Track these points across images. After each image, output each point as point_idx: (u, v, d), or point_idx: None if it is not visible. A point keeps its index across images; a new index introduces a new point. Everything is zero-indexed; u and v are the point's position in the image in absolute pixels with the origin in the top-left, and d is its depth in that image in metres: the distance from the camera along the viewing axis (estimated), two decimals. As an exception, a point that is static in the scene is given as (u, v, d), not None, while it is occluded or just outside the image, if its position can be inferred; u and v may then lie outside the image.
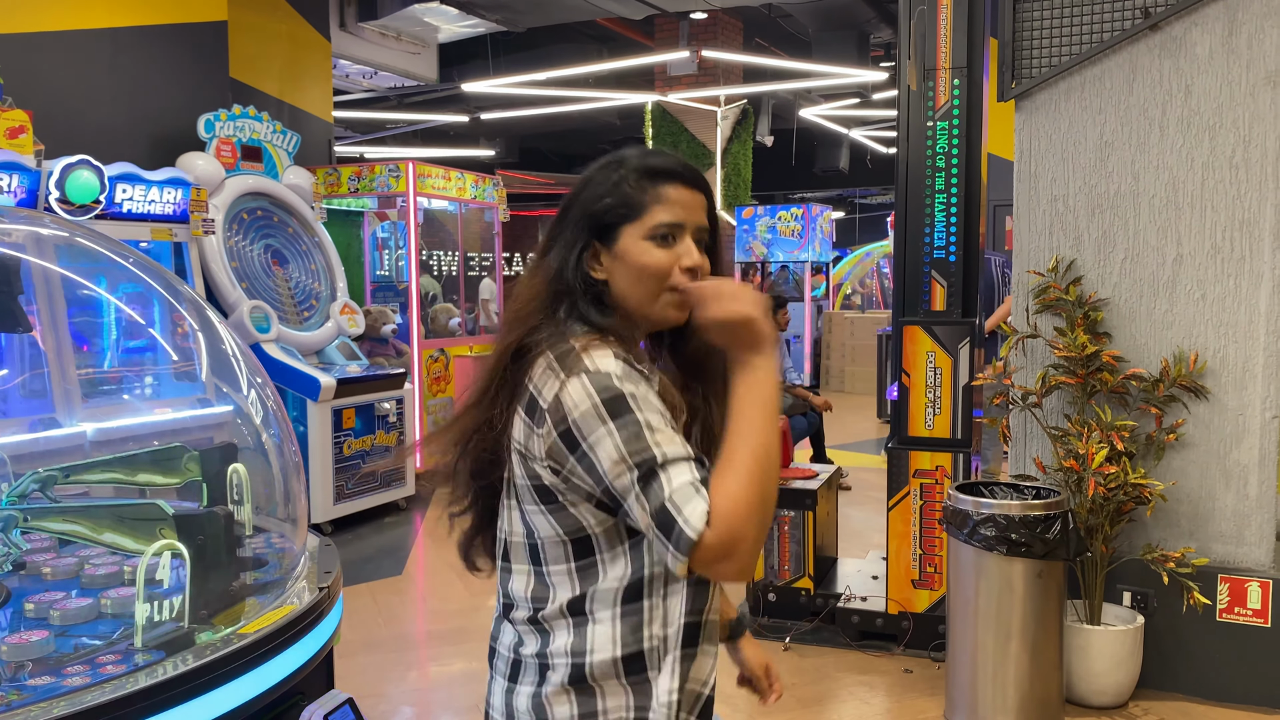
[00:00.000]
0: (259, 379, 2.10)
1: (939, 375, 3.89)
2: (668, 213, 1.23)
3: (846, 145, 17.27)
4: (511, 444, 1.22)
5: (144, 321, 2.58)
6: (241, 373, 2.08)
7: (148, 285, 2.17)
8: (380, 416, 6.20)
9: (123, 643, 1.38)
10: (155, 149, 5.79)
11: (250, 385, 2.09)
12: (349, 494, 5.93)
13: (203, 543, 1.49)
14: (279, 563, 1.80)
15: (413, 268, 7.02)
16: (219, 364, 2.13)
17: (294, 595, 1.63)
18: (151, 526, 1.49)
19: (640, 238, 1.23)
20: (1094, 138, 3.61)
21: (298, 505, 1.97)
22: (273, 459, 2.02)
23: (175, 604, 1.43)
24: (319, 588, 1.67)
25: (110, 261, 2.16)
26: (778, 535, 4.25)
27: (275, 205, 6.30)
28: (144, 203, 4.92)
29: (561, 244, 1.26)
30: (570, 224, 1.27)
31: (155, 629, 1.39)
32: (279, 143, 6.38)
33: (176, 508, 1.55)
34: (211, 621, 1.46)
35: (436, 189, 7.12)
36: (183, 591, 1.43)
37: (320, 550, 1.89)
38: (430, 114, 12.96)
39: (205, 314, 2.19)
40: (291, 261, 6.32)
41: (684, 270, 1.23)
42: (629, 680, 1.20)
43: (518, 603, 1.26)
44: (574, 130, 16.54)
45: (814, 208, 12.40)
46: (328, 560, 1.84)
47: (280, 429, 2.04)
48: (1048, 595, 3.21)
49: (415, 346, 6.99)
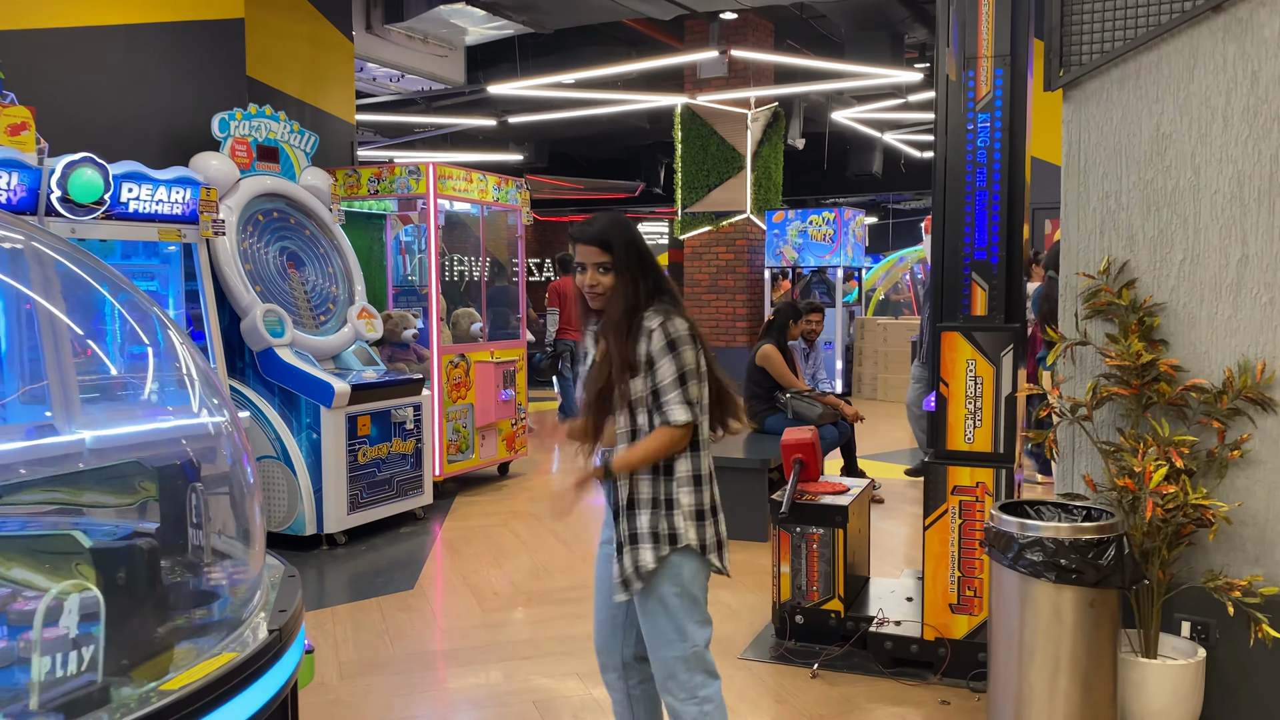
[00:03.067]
0: (215, 400, 1.89)
1: (980, 385, 3.63)
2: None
3: (880, 149, 16.93)
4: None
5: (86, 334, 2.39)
6: (195, 390, 1.88)
7: (100, 296, 1.96)
8: (397, 423, 6.02)
9: (16, 703, 1.18)
10: (168, 149, 5.66)
11: (204, 405, 1.89)
12: (363, 503, 5.76)
13: (124, 580, 1.29)
14: (230, 597, 1.60)
15: (433, 271, 6.85)
16: (172, 382, 1.93)
17: (242, 638, 1.43)
18: (67, 561, 1.30)
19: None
20: (1150, 129, 3.34)
21: (255, 531, 1.76)
22: (235, 479, 1.82)
23: (87, 654, 1.22)
24: (270, 629, 1.46)
25: (69, 272, 1.96)
26: (806, 553, 4.01)
27: (292, 207, 6.15)
28: (151, 202, 4.77)
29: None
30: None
31: (59, 685, 1.18)
32: (296, 143, 6.23)
33: (96, 539, 1.35)
34: (131, 675, 1.25)
35: (458, 191, 6.94)
36: (95, 640, 1.22)
37: (283, 582, 1.68)
38: (458, 118, 12.83)
39: (168, 332, 1.99)
40: (308, 264, 6.17)
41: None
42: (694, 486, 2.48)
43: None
44: (603, 135, 16.36)
45: (846, 212, 12.13)
46: (287, 595, 1.62)
47: (240, 448, 1.83)
48: (1100, 626, 2.94)
49: (435, 352, 6.81)
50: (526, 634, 4.22)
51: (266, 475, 5.59)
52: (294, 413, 5.59)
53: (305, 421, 5.56)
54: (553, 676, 3.79)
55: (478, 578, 5.07)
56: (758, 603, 4.54)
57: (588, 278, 2.43)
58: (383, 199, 7.10)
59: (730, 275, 12.64)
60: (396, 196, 6.92)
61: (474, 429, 7.14)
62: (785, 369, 6.34)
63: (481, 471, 7.46)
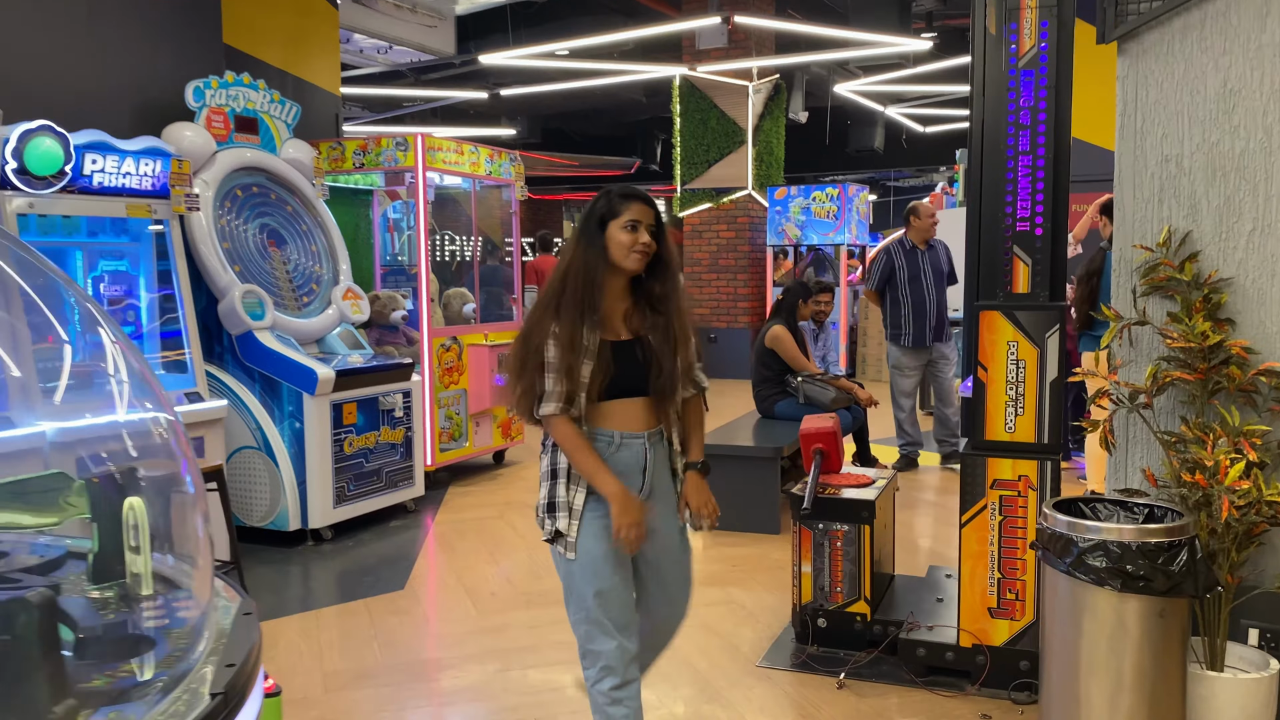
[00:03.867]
0: (149, 402, 1.55)
1: (1022, 369, 3.31)
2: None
3: (881, 124, 16.58)
4: None
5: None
6: (122, 388, 1.54)
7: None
8: (386, 411, 5.69)
9: None
10: (139, 119, 5.29)
11: (135, 406, 1.55)
12: (351, 496, 5.43)
13: (8, 645, 0.97)
14: (167, 643, 1.28)
15: (422, 249, 6.50)
16: (97, 378, 1.60)
17: (178, 705, 1.11)
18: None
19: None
20: (1216, 85, 3.01)
21: (199, 553, 1.44)
22: (174, 492, 1.49)
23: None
24: (212, 693, 1.14)
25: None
26: (829, 552, 3.70)
27: (273, 181, 5.79)
28: (118, 175, 4.41)
29: None
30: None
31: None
32: (277, 113, 5.86)
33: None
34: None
35: (448, 164, 6.58)
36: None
37: (236, 622, 1.36)
38: (448, 90, 12.43)
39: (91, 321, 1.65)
40: (290, 242, 5.82)
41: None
42: None
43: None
44: (599, 110, 15.96)
45: (850, 188, 11.77)
46: (240, 640, 1.30)
47: (179, 454, 1.50)
48: (1169, 638, 2.64)
49: (425, 335, 6.47)
50: (526, 639, 3.91)
51: (247, 467, 5.26)
52: (275, 400, 5.25)
53: (288, 410, 5.23)
54: (556, 688, 3.48)
55: (473, 576, 4.75)
56: (775, 604, 4.24)
57: (640, 236, 2.39)
58: (369, 173, 6.74)
59: (731, 254, 12.30)
60: (383, 170, 6.56)
61: (467, 416, 6.81)
62: (796, 351, 6.01)
63: (476, 460, 7.13)
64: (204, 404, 4.68)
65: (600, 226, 2.42)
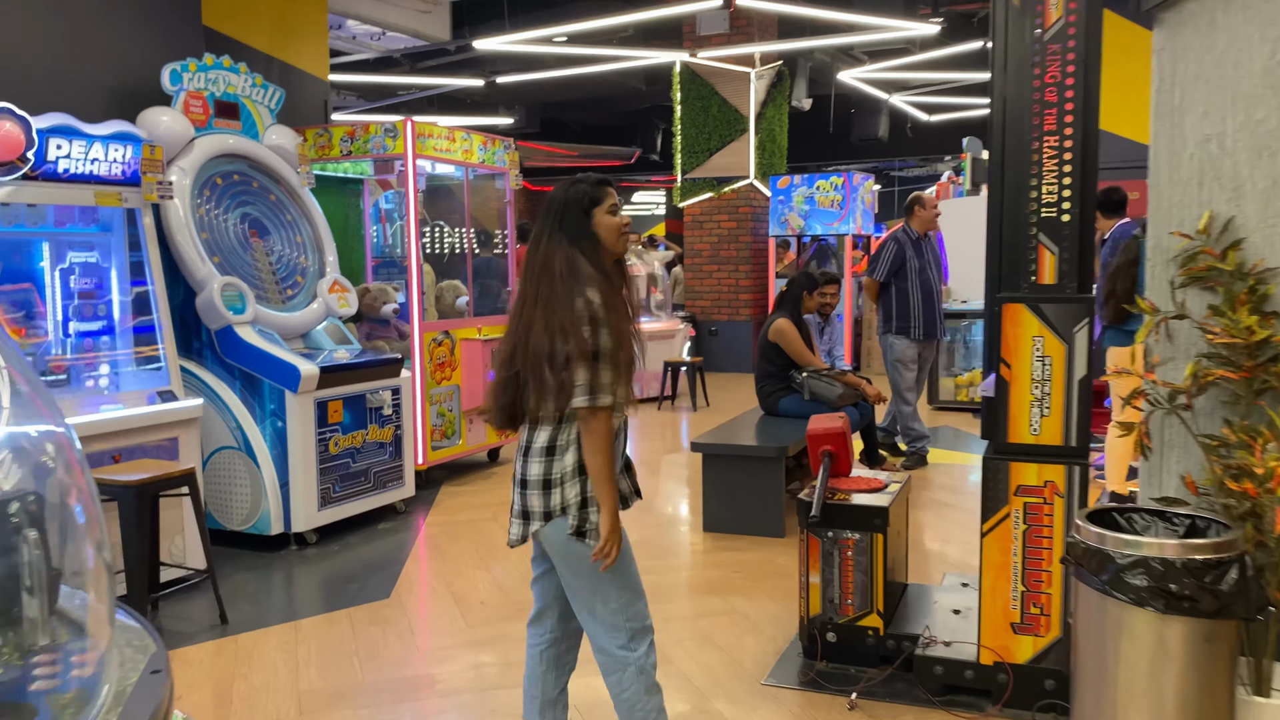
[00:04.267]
0: (39, 422, 1.31)
1: (1048, 366, 3.07)
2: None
3: (886, 112, 16.30)
4: None
5: None
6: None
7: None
8: (374, 409, 5.45)
9: None
10: (113, 104, 5.05)
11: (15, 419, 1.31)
12: (336, 498, 5.20)
13: None
14: (49, 711, 1.04)
15: (412, 240, 6.26)
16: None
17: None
18: None
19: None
20: (1263, 58, 2.76)
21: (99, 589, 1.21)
22: (74, 523, 1.25)
23: None
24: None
25: None
26: (839, 562, 3.46)
27: (255, 169, 5.55)
28: (85, 162, 4.17)
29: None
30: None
31: None
32: (259, 98, 5.62)
33: None
34: None
35: (439, 151, 6.34)
36: None
37: (142, 682, 1.12)
38: (443, 78, 12.17)
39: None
40: (273, 233, 5.58)
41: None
42: None
43: None
44: (598, 98, 15.69)
45: (855, 176, 11.51)
46: (144, 701, 1.05)
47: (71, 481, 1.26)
48: (1217, 662, 2.41)
49: (416, 329, 6.23)
50: (517, 653, 3.68)
51: (227, 468, 5.02)
52: (256, 398, 5.01)
53: (269, 408, 4.99)
54: (547, 709, 3.24)
55: (462, 583, 4.52)
56: (780, 614, 4.01)
57: (625, 219, 2.49)
58: (357, 160, 6.50)
59: (733, 245, 12.05)
60: (372, 157, 6.31)
61: (460, 412, 6.58)
62: (802, 346, 5.77)
63: (469, 458, 6.91)
64: (177, 403, 4.44)
65: (586, 215, 2.44)
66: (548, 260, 2.42)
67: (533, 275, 2.43)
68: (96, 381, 4.42)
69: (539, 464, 2.43)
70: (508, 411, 2.51)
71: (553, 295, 2.36)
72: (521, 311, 2.43)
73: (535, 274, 2.42)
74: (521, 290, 2.47)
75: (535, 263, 2.44)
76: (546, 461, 2.42)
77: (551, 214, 2.46)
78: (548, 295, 2.38)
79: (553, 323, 2.35)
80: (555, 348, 2.34)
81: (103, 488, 3.66)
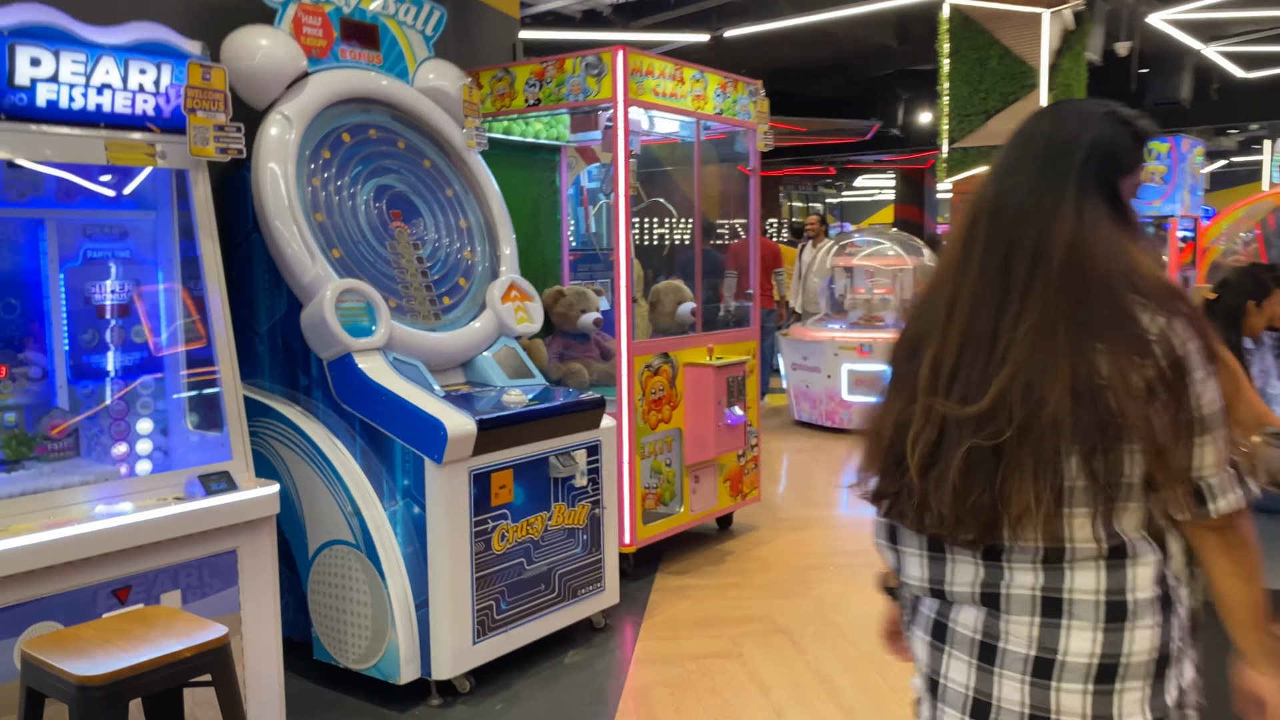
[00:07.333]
0: None
1: None
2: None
3: (1190, 69, 13.26)
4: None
5: None
6: None
7: None
8: (561, 480, 3.60)
9: None
10: (194, 20, 3.41)
11: None
12: (501, 621, 3.37)
13: None
14: None
15: (621, 223, 4.37)
16: None
17: None
18: None
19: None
20: None
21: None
22: None
23: None
24: None
25: None
26: None
27: (400, 121, 3.83)
28: (85, 89, 2.49)
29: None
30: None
31: None
32: (410, 20, 3.89)
33: None
34: None
35: (661, 94, 4.41)
36: None
37: None
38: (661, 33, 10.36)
39: None
40: (425, 215, 3.83)
41: None
42: None
43: None
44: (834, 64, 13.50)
45: (1185, 141, 8.82)
46: None
47: None
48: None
49: (624, 351, 4.34)
50: None
51: (339, 574, 3.29)
52: (385, 467, 3.26)
53: (401, 484, 3.22)
54: None
55: None
56: None
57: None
58: (548, 112, 4.68)
59: (1014, 232, 9.61)
60: (568, 106, 4.45)
61: (682, 469, 4.64)
62: (1252, 392, 3.46)
63: (694, 529, 4.97)
64: (232, 496, 2.68)
65: (1128, 174, 1.39)
66: (1079, 244, 1.28)
67: (1040, 270, 1.26)
68: (129, 452, 2.76)
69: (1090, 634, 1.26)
70: (985, 515, 1.26)
71: (1098, 313, 1.23)
72: (1011, 337, 1.25)
73: (1047, 269, 1.26)
74: (997, 296, 1.28)
75: (1043, 247, 1.27)
76: (1111, 633, 1.25)
77: (1073, 161, 1.33)
78: (1087, 312, 1.24)
79: (1122, 364, 1.21)
80: (1131, 410, 1.20)
81: (39, 681, 1.94)
